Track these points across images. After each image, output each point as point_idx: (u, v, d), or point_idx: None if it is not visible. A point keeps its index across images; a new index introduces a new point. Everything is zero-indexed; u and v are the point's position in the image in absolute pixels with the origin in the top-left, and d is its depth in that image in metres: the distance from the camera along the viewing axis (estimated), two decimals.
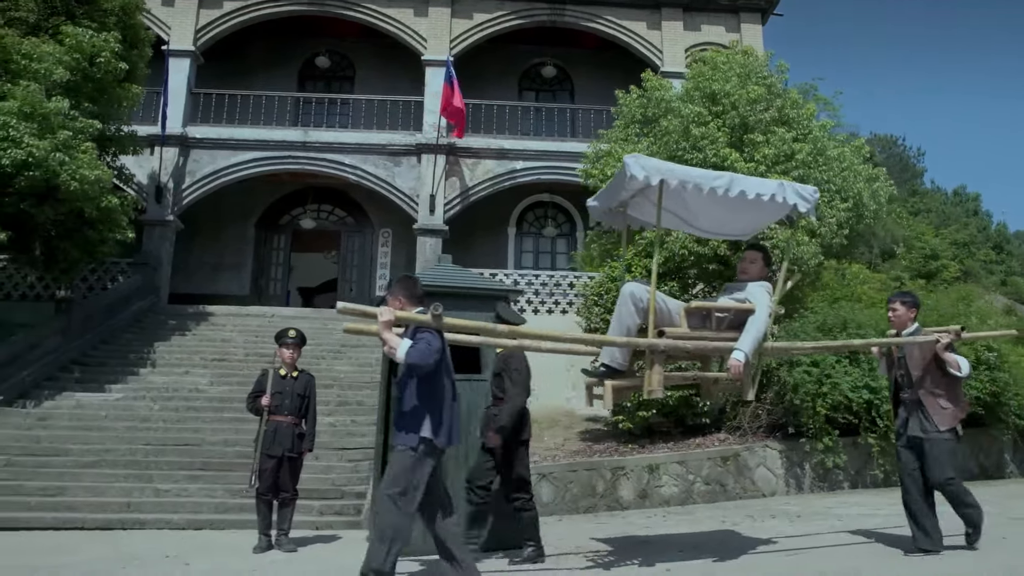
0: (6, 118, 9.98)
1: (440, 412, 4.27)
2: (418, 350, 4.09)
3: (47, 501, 8.34)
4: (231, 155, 16.36)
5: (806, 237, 10.97)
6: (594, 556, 5.49)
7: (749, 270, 5.28)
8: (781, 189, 4.93)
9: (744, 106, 11.57)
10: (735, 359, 4.68)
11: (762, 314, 4.85)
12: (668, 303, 5.02)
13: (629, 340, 4.75)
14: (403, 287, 4.44)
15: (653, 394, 4.64)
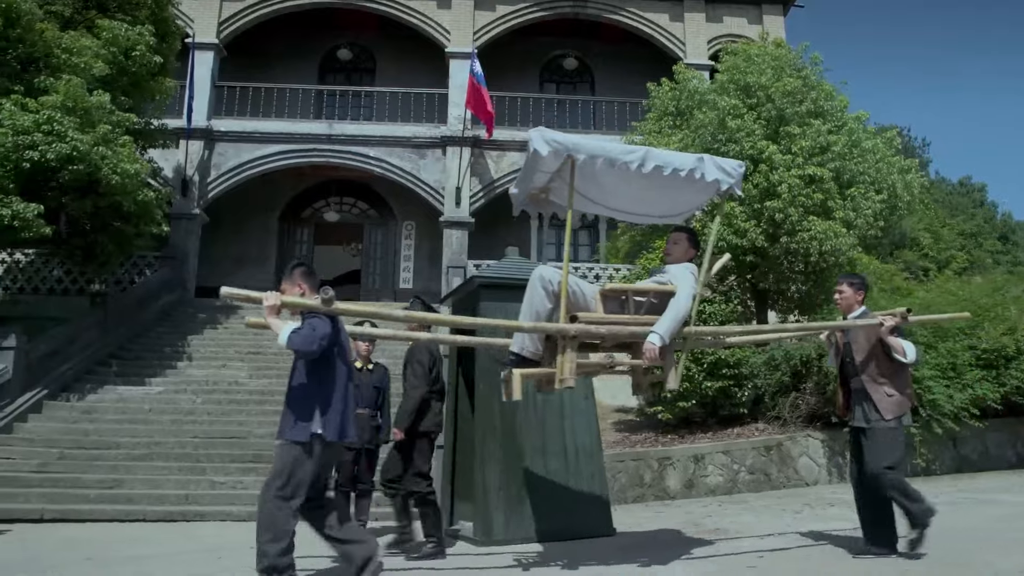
0: (51, 112, 9.98)
1: (330, 403, 4.06)
2: (300, 335, 3.90)
3: (106, 494, 8.41)
4: (256, 148, 16.37)
5: (843, 228, 11.03)
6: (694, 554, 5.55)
7: (672, 251, 4.99)
8: (700, 164, 4.59)
9: (780, 98, 11.62)
10: (650, 342, 4.35)
11: (683, 296, 4.54)
12: (582, 287, 4.67)
13: (536, 325, 4.43)
14: (304, 276, 4.26)
15: (564, 383, 4.32)
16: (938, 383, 9.87)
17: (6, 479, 8.55)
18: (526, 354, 4.54)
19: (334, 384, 4.10)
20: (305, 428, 3.97)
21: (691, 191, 4.86)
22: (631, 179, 4.58)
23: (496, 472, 6.10)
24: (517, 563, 5.08)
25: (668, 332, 4.42)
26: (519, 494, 6.10)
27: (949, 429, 9.80)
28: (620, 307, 4.62)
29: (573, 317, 4.34)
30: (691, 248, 4.96)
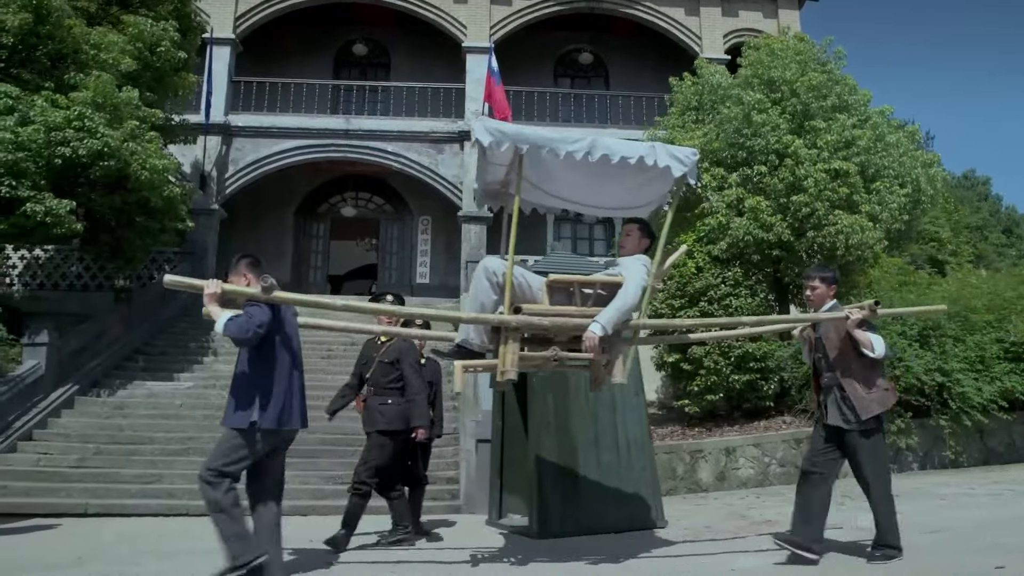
0: (82, 108, 9.97)
1: (271, 392, 4.12)
2: (236, 323, 3.97)
3: (147, 488, 8.45)
4: (273, 143, 16.37)
5: (869, 223, 11.09)
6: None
7: (625, 244, 4.91)
8: (651, 151, 4.48)
9: (805, 93, 11.66)
10: (590, 331, 4.25)
11: (631, 287, 4.44)
12: (529, 278, 4.58)
13: (477, 316, 4.37)
14: (250, 267, 4.31)
15: (506, 375, 4.26)
16: (967, 376, 9.96)
17: (47, 474, 8.60)
18: (470, 346, 4.50)
19: (275, 373, 4.15)
20: (244, 416, 4.06)
21: (646, 181, 4.78)
22: (583, 170, 4.50)
23: (551, 466, 6.15)
24: (579, 556, 5.13)
25: (610, 323, 4.32)
26: (574, 487, 6.17)
27: (978, 421, 9.89)
28: (567, 299, 4.53)
29: (517, 309, 4.28)
30: (644, 239, 4.88)
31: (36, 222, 9.84)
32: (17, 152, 9.54)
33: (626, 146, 4.48)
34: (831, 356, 4.74)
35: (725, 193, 11.58)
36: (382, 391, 5.80)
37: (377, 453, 5.68)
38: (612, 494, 6.26)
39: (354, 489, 5.66)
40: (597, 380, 4.84)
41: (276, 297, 4.03)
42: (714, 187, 11.73)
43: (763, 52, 12.46)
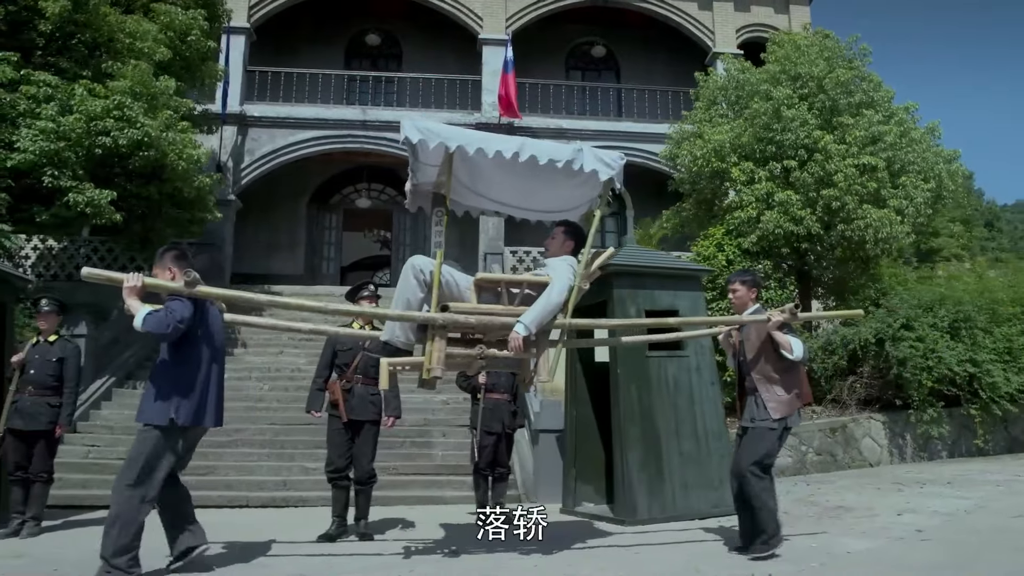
0: (121, 98, 9.87)
1: (190, 388, 4.06)
2: (155, 318, 3.89)
3: (203, 480, 8.42)
4: (289, 134, 16.26)
5: (896, 217, 11.33)
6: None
7: (550, 245, 4.95)
8: (579, 155, 4.48)
9: (833, 89, 11.86)
10: (515, 331, 4.27)
11: (557, 288, 4.46)
12: (456, 277, 4.58)
13: (403, 314, 4.31)
14: (176, 260, 4.26)
15: (432, 373, 4.25)
16: (996, 366, 10.26)
17: (99, 466, 8.56)
18: (396, 343, 4.46)
19: (195, 368, 4.11)
20: (162, 411, 4.01)
21: (574, 185, 4.79)
22: (513, 172, 4.52)
23: (637, 454, 6.28)
24: (682, 541, 5.27)
25: (535, 322, 4.34)
26: (658, 475, 6.30)
27: (1007, 411, 10.21)
28: (495, 298, 4.54)
29: (444, 307, 4.28)
30: (568, 240, 4.89)
31: (76, 213, 9.74)
32: (59, 142, 9.44)
33: (554, 149, 4.49)
34: (749, 357, 4.82)
35: (755, 187, 11.75)
36: (371, 380, 5.58)
37: (375, 443, 5.73)
38: (693, 481, 6.42)
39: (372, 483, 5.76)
40: (526, 380, 4.87)
41: (199, 292, 3.98)
42: (743, 181, 11.90)
43: (789, 47, 12.64)
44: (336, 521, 5.66)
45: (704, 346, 6.91)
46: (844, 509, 6.44)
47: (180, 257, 4.32)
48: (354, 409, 5.63)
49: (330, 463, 5.72)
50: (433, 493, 8.46)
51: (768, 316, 4.74)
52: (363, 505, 5.74)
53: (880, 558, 4.49)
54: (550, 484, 7.80)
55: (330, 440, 5.75)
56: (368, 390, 5.66)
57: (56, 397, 6.00)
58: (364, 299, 6.05)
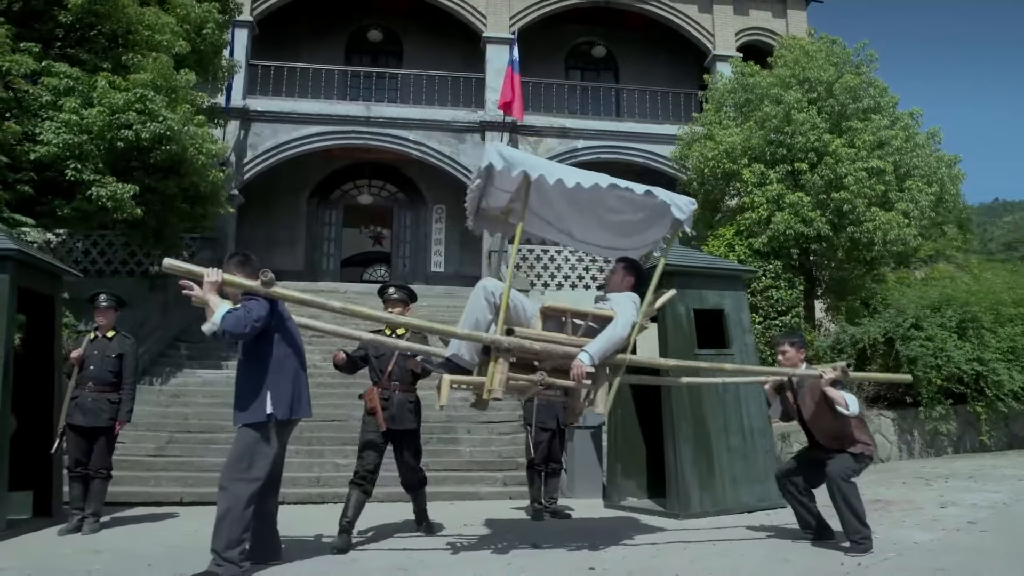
0: (143, 91, 9.76)
1: (281, 384, 4.19)
2: (234, 316, 3.94)
3: None
4: (293, 129, 16.16)
5: (904, 219, 11.65)
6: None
7: (610, 280, 5.03)
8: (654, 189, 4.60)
9: (842, 94, 12.16)
10: (579, 360, 4.34)
11: (621, 323, 4.53)
12: (525, 303, 4.61)
13: (471, 334, 4.36)
14: (240, 266, 4.31)
15: (492, 395, 4.31)
16: (1001, 365, 10.62)
17: (130, 463, 8.46)
18: (459, 361, 4.49)
19: (284, 364, 4.24)
20: (259, 409, 4.13)
21: (642, 226, 4.89)
22: (586, 206, 4.58)
23: (689, 450, 6.44)
24: (744, 535, 5.43)
25: (599, 354, 4.41)
26: (708, 470, 6.46)
27: (1012, 408, 10.59)
28: (559, 327, 4.57)
29: (510, 331, 4.34)
30: (628, 276, 4.97)
31: (98, 207, 9.63)
32: (81, 135, 9.32)
33: (632, 184, 4.56)
34: (807, 417, 5.00)
35: (766, 189, 11.99)
36: (407, 387, 5.41)
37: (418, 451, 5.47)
38: (741, 476, 6.59)
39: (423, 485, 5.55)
40: (575, 410, 4.87)
41: (275, 292, 4.02)
42: (754, 183, 12.14)
43: (798, 52, 12.91)
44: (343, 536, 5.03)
45: (748, 346, 7.09)
46: (883, 503, 6.65)
47: (244, 262, 4.38)
48: (394, 418, 5.28)
49: (361, 464, 5.29)
50: (467, 489, 8.51)
51: (820, 372, 4.85)
52: (420, 507, 5.56)
53: (951, 548, 4.68)
54: (587, 479, 7.93)
55: (364, 444, 5.32)
56: (407, 397, 5.39)
57: (115, 393, 5.98)
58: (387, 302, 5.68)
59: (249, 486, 4.07)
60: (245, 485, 4.07)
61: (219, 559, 3.98)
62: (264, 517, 4.40)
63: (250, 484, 4.08)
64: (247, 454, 4.12)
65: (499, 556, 4.68)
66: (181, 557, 4.71)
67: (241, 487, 4.06)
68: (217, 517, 4.03)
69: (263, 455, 4.16)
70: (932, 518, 5.75)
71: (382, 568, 4.35)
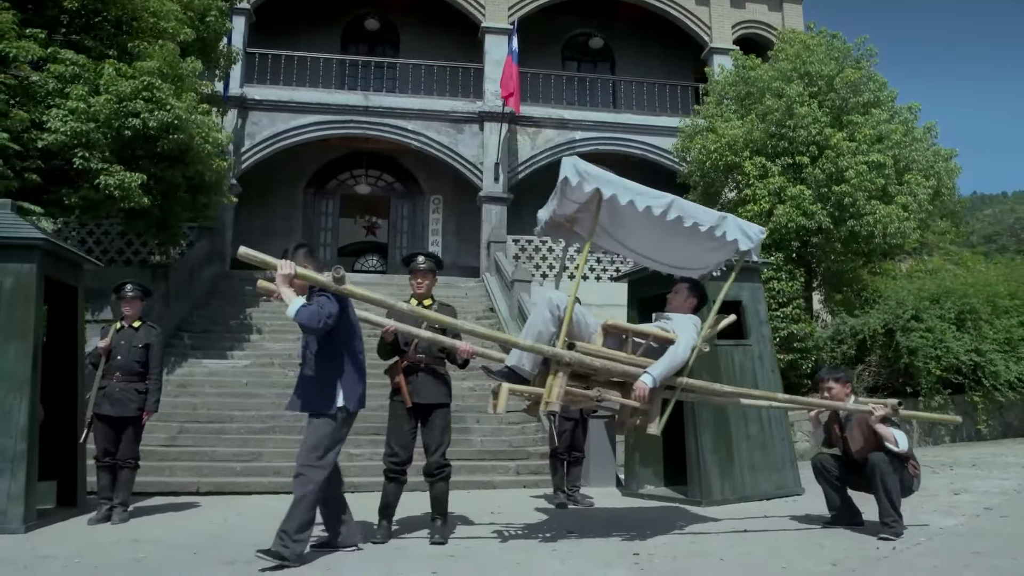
0: (150, 79, 9.67)
1: (353, 376, 4.33)
2: (308, 311, 4.05)
3: (251, 467, 8.43)
4: (291, 118, 16.08)
5: (904, 213, 11.83)
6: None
7: (673, 300, 5.06)
8: (723, 222, 4.63)
9: (843, 88, 12.30)
10: (642, 381, 4.40)
11: (682, 345, 4.58)
12: (588, 319, 4.65)
13: (534, 345, 4.40)
14: (308, 256, 4.41)
15: (550, 407, 4.35)
16: (998, 356, 10.86)
17: (144, 453, 8.18)
18: (520, 371, 4.50)
19: (352, 356, 4.38)
20: (331, 400, 4.27)
21: (709, 248, 4.90)
22: (654, 224, 4.60)
23: (709, 438, 6.55)
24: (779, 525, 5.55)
25: (661, 376, 4.46)
26: (728, 458, 6.58)
27: (1008, 398, 10.83)
28: (619, 344, 4.62)
29: (571, 345, 4.37)
30: (691, 298, 5.02)
31: (105, 195, 9.54)
32: (88, 123, 9.22)
33: (701, 213, 4.59)
34: (855, 450, 5.08)
35: (767, 181, 12.13)
36: (436, 360, 5.10)
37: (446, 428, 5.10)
38: (759, 464, 6.72)
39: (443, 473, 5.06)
40: (623, 424, 4.88)
41: (345, 289, 4.10)
42: (756, 175, 12.27)
43: (799, 46, 13.03)
44: (383, 525, 4.97)
45: (765, 337, 7.21)
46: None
47: (310, 253, 4.45)
48: (419, 391, 4.94)
49: (392, 454, 4.98)
50: (480, 478, 8.58)
51: (871, 409, 4.93)
52: (438, 501, 5.01)
53: (977, 532, 4.83)
54: (601, 468, 8.03)
55: (392, 429, 5.05)
56: (435, 369, 5.06)
57: (142, 383, 5.97)
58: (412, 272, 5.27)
59: (322, 472, 4.24)
60: (320, 472, 4.23)
61: (288, 540, 4.11)
62: (329, 504, 4.53)
63: (323, 471, 4.25)
64: (321, 443, 4.25)
65: (542, 543, 4.76)
66: (222, 545, 4.75)
67: (316, 473, 4.22)
68: (294, 500, 4.21)
69: (335, 443, 4.32)
70: (949, 504, 5.91)
71: (428, 556, 4.41)
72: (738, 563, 4.10)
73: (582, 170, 4.36)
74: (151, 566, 4.20)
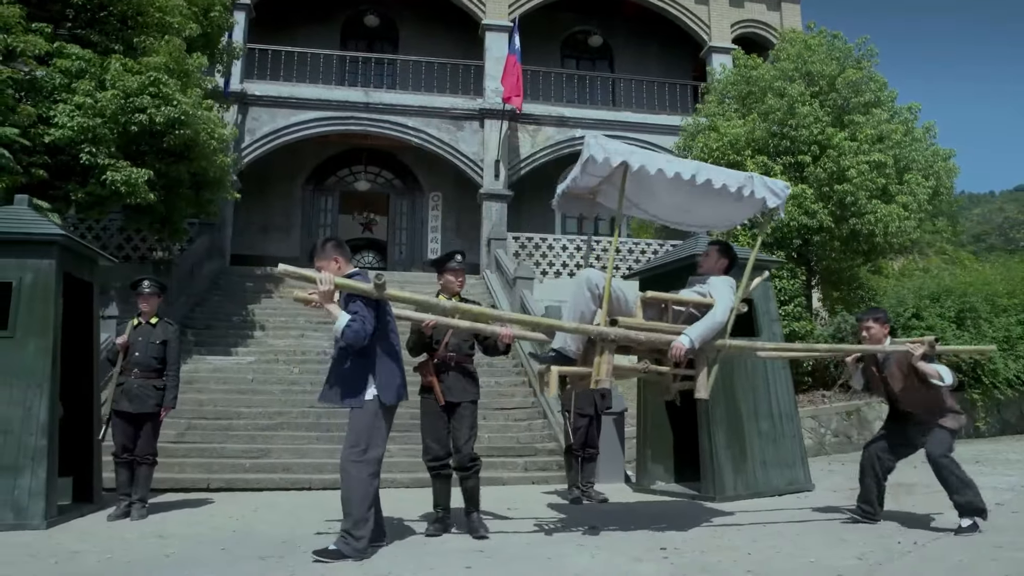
0: (156, 74, 9.64)
1: (392, 370, 4.34)
2: (353, 331, 4.06)
3: (260, 463, 8.43)
4: (291, 114, 16.05)
5: (904, 212, 11.95)
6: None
7: (704, 263, 5.19)
8: (750, 182, 4.71)
9: (844, 88, 12.40)
10: (679, 342, 4.48)
11: (720, 308, 4.69)
12: (626, 292, 4.76)
13: (578, 327, 4.51)
14: (337, 248, 4.39)
15: (600, 384, 4.47)
16: (997, 354, 10.98)
17: None
18: (567, 352, 4.59)
19: (390, 351, 4.38)
20: (360, 393, 4.28)
21: (735, 206, 4.98)
22: (679, 189, 4.66)
23: (723, 433, 6.62)
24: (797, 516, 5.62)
25: (699, 337, 4.55)
26: (741, 453, 6.65)
27: (1008, 395, 10.97)
28: (659, 314, 4.72)
29: (613, 321, 4.44)
30: (722, 259, 5.12)
31: (111, 191, 9.50)
32: (95, 118, 9.18)
33: (728, 174, 4.69)
34: (897, 390, 5.13)
35: None
36: (465, 358, 5.18)
37: (472, 423, 5.10)
38: (771, 459, 6.80)
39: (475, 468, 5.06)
40: (668, 389, 4.99)
41: (388, 295, 4.10)
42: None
43: (800, 46, 13.12)
44: (441, 513, 5.13)
45: (776, 335, 7.28)
46: (906, 486, 6.87)
47: (339, 245, 4.44)
48: (451, 389, 5.03)
49: (428, 451, 5.09)
50: (490, 474, 8.56)
51: (909, 348, 4.95)
52: (471, 495, 5.06)
53: (993, 527, 4.89)
54: (610, 464, 8.06)
55: (426, 427, 5.12)
56: (465, 368, 5.13)
57: (160, 379, 5.98)
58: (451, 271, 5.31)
59: (368, 467, 4.27)
60: (364, 466, 4.25)
61: (349, 537, 4.16)
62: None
63: (368, 465, 4.27)
64: (363, 437, 4.26)
65: (566, 538, 4.80)
66: (249, 541, 4.77)
67: (361, 468, 4.24)
68: (343, 500, 4.23)
69: (377, 436, 4.31)
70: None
71: (458, 550, 4.45)
72: (765, 557, 4.16)
73: (607, 147, 4.44)
74: (182, 562, 4.21)
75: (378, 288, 4.05)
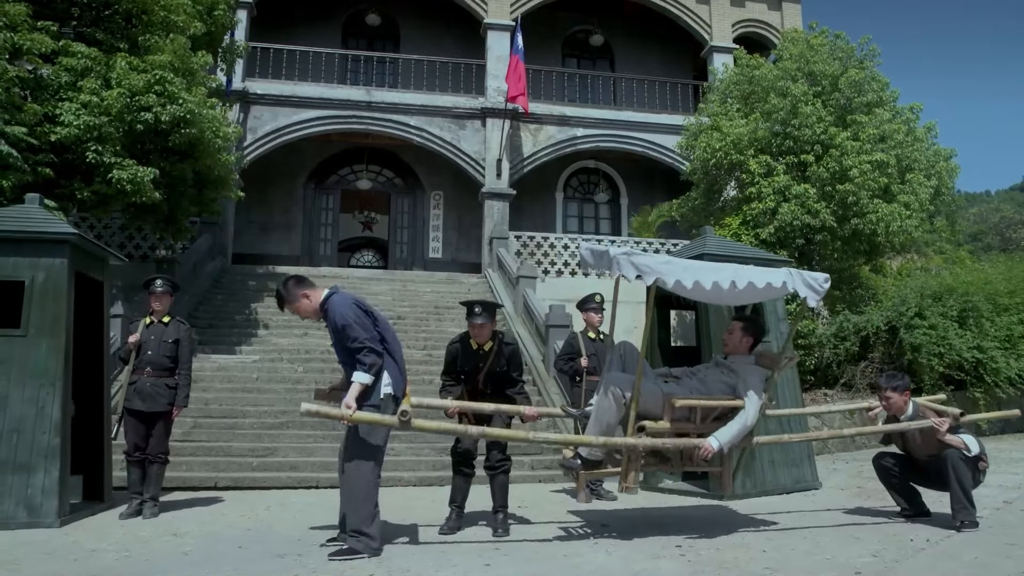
0: (162, 72, 9.63)
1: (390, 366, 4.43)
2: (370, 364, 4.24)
3: (267, 462, 8.43)
4: (293, 113, 16.03)
5: (906, 211, 12.00)
6: None
7: (728, 341, 5.08)
8: (790, 278, 4.58)
9: (847, 88, 12.45)
10: (708, 444, 4.50)
11: (751, 412, 4.65)
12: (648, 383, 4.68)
13: (607, 441, 4.55)
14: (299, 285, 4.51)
15: (628, 490, 4.60)
16: (999, 352, 11.05)
17: None
18: (593, 458, 4.70)
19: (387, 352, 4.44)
20: (384, 391, 4.36)
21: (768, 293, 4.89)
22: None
23: None
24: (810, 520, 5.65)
25: (728, 442, 4.58)
26: (749, 452, 6.64)
27: (1008, 393, 11.02)
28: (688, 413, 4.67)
29: (641, 427, 4.46)
30: (746, 337, 5.02)
31: (116, 190, 9.50)
32: (101, 116, 9.17)
33: (767, 274, 4.53)
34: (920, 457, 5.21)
35: (772, 180, 12.26)
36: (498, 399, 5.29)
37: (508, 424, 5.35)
38: (778, 459, 6.83)
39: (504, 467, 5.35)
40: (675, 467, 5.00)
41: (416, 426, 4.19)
42: (761, 173, 12.40)
43: (803, 46, 13.16)
44: (455, 511, 5.24)
45: (783, 334, 7.30)
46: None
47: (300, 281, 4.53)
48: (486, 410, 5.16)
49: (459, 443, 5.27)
50: None
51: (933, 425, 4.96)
52: (499, 493, 5.22)
53: (1004, 525, 4.95)
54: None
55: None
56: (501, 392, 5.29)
57: (172, 378, 6.00)
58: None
59: (369, 463, 4.32)
60: (367, 463, 4.30)
61: (359, 534, 4.21)
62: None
63: (370, 461, 4.33)
64: (376, 433, 4.33)
65: (581, 536, 4.83)
66: (264, 539, 4.79)
67: (364, 465, 4.30)
68: (350, 497, 4.28)
69: (382, 432, 4.38)
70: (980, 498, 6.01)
71: (476, 548, 4.47)
72: (782, 555, 4.19)
73: (639, 265, 4.29)
74: (200, 560, 4.22)
75: (403, 424, 4.13)
